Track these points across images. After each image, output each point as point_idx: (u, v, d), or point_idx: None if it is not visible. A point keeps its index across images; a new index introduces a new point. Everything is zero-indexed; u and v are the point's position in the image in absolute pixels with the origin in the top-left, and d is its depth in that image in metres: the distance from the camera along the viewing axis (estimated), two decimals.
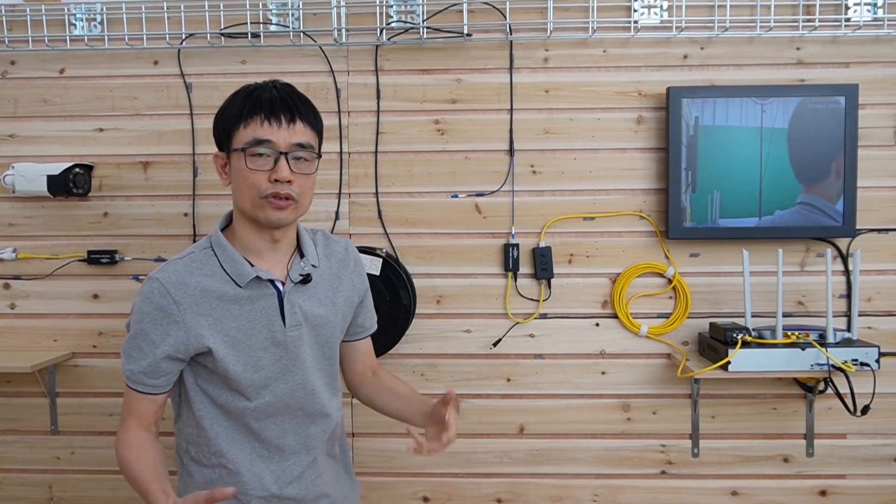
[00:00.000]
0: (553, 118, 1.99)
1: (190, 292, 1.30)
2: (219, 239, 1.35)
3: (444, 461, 2.04)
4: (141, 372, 1.31)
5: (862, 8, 1.91)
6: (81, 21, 2.00)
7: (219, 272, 1.33)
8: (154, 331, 1.30)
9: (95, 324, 2.06)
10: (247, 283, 1.32)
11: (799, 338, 1.81)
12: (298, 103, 1.33)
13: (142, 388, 1.32)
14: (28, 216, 2.06)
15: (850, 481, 2.01)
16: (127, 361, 1.33)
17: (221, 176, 1.36)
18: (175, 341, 1.30)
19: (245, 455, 1.37)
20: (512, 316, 2.01)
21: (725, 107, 1.90)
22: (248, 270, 1.32)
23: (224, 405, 1.35)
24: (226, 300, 1.32)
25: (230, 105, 1.33)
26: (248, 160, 1.28)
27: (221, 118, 1.35)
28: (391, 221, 2.01)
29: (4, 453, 2.11)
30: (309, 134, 1.33)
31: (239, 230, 1.36)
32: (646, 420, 2.02)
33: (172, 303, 1.29)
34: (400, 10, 1.96)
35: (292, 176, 1.29)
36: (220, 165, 1.35)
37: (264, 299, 1.34)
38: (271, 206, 1.29)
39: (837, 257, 1.96)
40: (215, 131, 1.37)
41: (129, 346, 1.33)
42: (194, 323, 1.30)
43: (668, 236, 1.94)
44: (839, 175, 1.89)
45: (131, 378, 1.33)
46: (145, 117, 2.03)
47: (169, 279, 1.31)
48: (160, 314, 1.30)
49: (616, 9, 1.95)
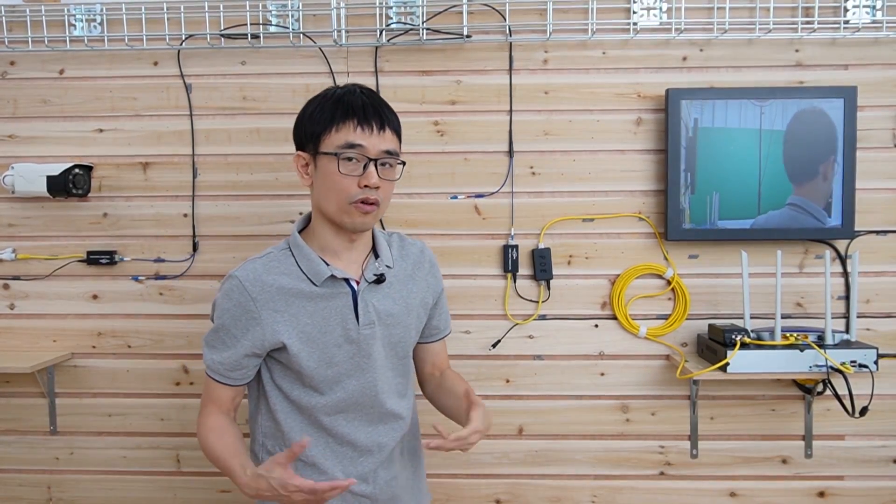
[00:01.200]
0: (552, 119, 1.99)
1: (267, 289, 1.36)
2: (296, 240, 1.40)
3: (443, 462, 2.04)
4: (220, 363, 1.39)
5: (861, 10, 1.92)
6: (81, 22, 2.00)
7: (295, 271, 1.38)
8: (234, 326, 1.36)
9: (95, 324, 2.06)
10: (322, 282, 1.37)
11: (797, 339, 1.82)
12: (386, 110, 1.38)
13: (221, 378, 1.40)
14: (27, 216, 2.06)
15: (849, 482, 2.01)
16: (209, 351, 1.40)
17: (302, 176, 1.40)
18: (253, 336, 1.36)
19: (319, 450, 1.41)
20: (511, 317, 2.01)
21: (724, 108, 1.90)
22: (323, 269, 1.37)
23: (297, 401, 1.40)
24: (302, 297, 1.37)
25: (318, 108, 1.37)
26: (340, 164, 1.32)
27: (308, 120, 1.38)
28: (391, 222, 2.01)
29: (3, 453, 2.11)
30: (395, 141, 1.39)
31: (318, 230, 1.41)
32: (645, 421, 2.02)
33: (250, 299, 1.35)
34: (399, 12, 1.97)
35: (380, 182, 1.33)
36: (302, 165, 1.39)
37: (339, 297, 1.38)
38: (358, 210, 1.34)
39: (836, 259, 1.96)
40: (298, 132, 1.40)
41: (211, 338, 1.40)
42: (270, 319, 1.35)
43: (667, 238, 1.94)
44: (830, 177, 1.90)
45: (212, 367, 1.40)
46: (145, 118, 2.03)
47: (247, 276, 1.36)
48: (239, 310, 1.36)
49: (615, 10, 1.95)
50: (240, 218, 2.02)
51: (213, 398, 1.42)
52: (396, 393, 1.47)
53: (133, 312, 2.06)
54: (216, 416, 1.41)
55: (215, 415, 1.41)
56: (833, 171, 1.90)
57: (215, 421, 1.40)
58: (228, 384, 1.41)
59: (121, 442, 2.09)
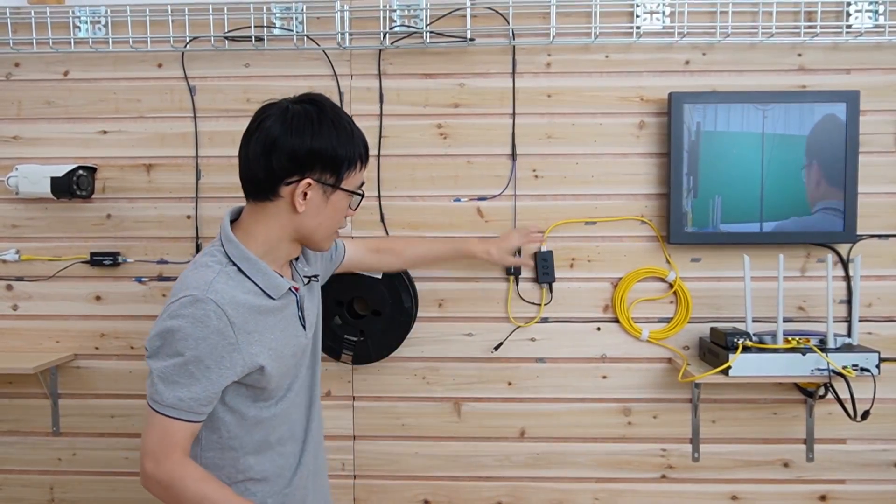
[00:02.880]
0: (555, 123, 2.00)
1: (240, 312, 1.25)
2: (243, 253, 1.30)
3: (445, 464, 2.05)
4: (193, 399, 1.22)
5: (863, 14, 1.92)
6: (86, 24, 2.01)
7: (251, 287, 1.29)
8: (210, 356, 1.21)
9: (98, 325, 2.07)
10: (281, 295, 1.34)
11: (799, 343, 1.82)
12: None
13: (189, 416, 1.23)
14: (31, 218, 2.06)
15: (850, 486, 2.01)
16: (171, 388, 1.21)
17: (298, 202, 1.29)
18: (233, 364, 1.24)
19: (268, 460, 1.38)
20: (513, 320, 2.02)
21: (727, 112, 1.91)
22: (282, 282, 1.33)
23: (253, 418, 1.34)
24: (265, 314, 1.30)
25: (344, 142, 1.30)
26: (352, 202, 1.37)
27: (332, 152, 1.29)
28: (394, 225, 2.02)
29: (6, 454, 2.11)
30: None
31: (277, 245, 1.34)
32: (646, 424, 2.02)
33: (229, 325, 1.23)
34: (403, 15, 1.97)
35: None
36: (302, 191, 1.29)
37: (289, 307, 1.38)
38: (334, 238, 1.44)
39: (838, 263, 1.97)
40: (317, 158, 1.29)
41: (175, 374, 1.21)
42: (246, 342, 1.26)
43: (670, 241, 1.95)
44: (840, 180, 1.90)
45: (179, 406, 1.21)
46: (149, 120, 2.04)
47: (222, 300, 1.22)
48: (219, 338, 1.22)
49: (618, 14, 1.96)
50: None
51: (175, 442, 1.22)
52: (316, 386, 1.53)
53: (136, 314, 2.06)
54: (191, 462, 1.25)
55: (189, 462, 1.25)
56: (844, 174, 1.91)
57: (196, 469, 1.25)
58: (196, 421, 1.24)
59: (123, 443, 2.09)
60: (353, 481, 2.06)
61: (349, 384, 2.05)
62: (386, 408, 2.05)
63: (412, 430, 2.05)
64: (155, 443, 1.22)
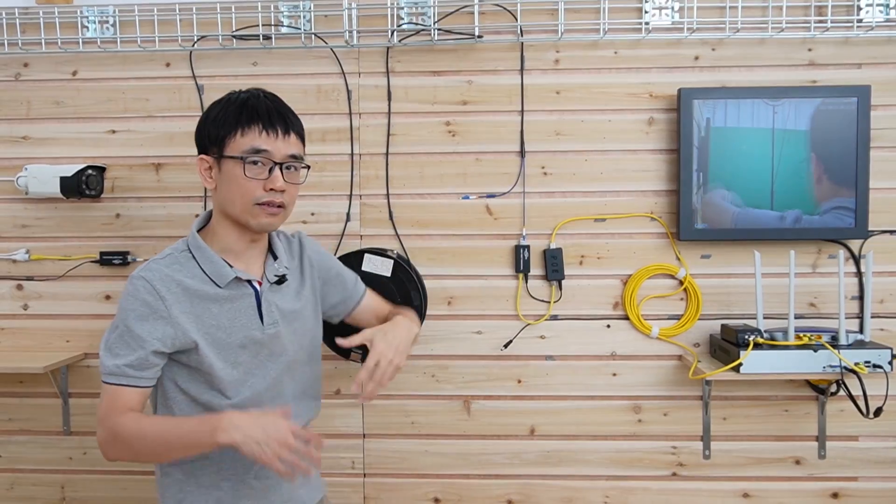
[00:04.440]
0: (564, 119, 1.99)
1: (173, 290, 1.34)
2: (196, 241, 1.39)
3: (455, 462, 2.05)
4: (128, 365, 1.30)
5: (874, 9, 1.91)
6: (94, 23, 2.01)
7: (198, 273, 1.37)
8: (140, 326, 1.31)
9: (107, 324, 2.05)
10: (226, 284, 1.37)
11: (811, 339, 1.81)
12: (290, 115, 1.41)
13: (128, 381, 1.30)
14: (41, 217, 2.07)
15: (863, 483, 2.00)
16: (111, 357, 1.31)
17: (206, 179, 1.39)
18: (162, 335, 1.31)
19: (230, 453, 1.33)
20: (523, 317, 2.01)
21: (737, 108, 1.90)
22: (227, 271, 1.38)
23: (206, 404, 1.37)
24: (206, 299, 1.36)
25: (222, 112, 1.38)
26: (246, 168, 1.33)
27: (211, 124, 1.38)
28: (402, 223, 2.02)
29: (17, 453, 2.12)
30: (299, 145, 1.41)
31: (220, 232, 1.41)
32: (657, 422, 2.02)
33: (158, 298, 1.32)
34: (411, 12, 1.97)
35: (285, 185, 1.36)
36: (205, 168, 1.39)
37: (243, 299, 1.39)
38: (265, 212, 1.36)
39: (850, 259, 1.95)
40: (200, 135, 1.40)
41: (112, 343, 1.32)
42: (179, 317, 1.32)
43: (680, 238, 1.94)
44: (852, 176, 1.89)
45: (115, 372, 1.30)
46: (157, 119, 2.04)
47: (153, 277, 1.33)
48: (147, 310, 1.31)
49: (627, 10, 1.95)
50: None
51: (117, 407, 1.30)
52: (303, 393, 1.49)
53: None
54: (126, 414, 1.29)
55: (131, 414, 1.30)
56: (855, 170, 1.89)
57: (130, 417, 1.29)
58: (137, 386, 1.31)
59: None
60: (363, 479, 2.06)
61: None
62: (395, 406, 2.05)
63: (422, 429, 2.05)
64: (103, 409, 1.32)
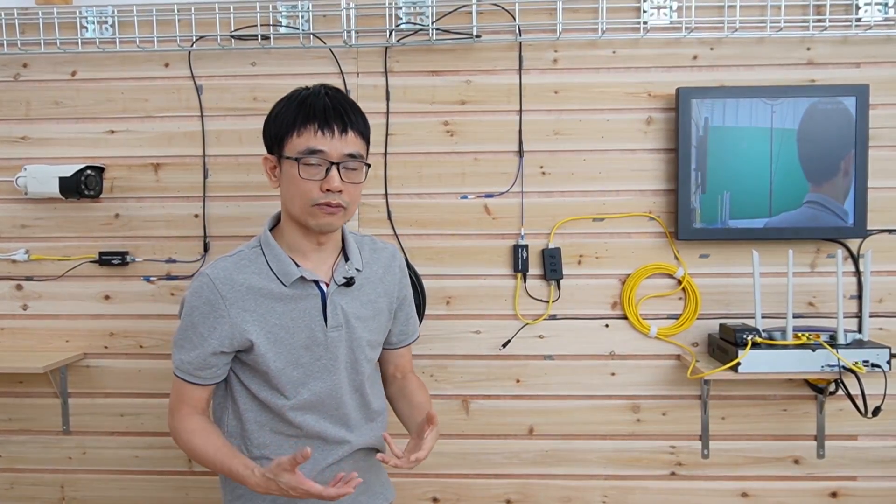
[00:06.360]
0: (562, 119, 1.99)
1: (236, 288, 1.36)
2: (267, 238, 1.40)
3: (454, 462, 2.05)
4: (190, 363, 1.37)
5: (873, 8, 1.90)
6: (93, 24, 2.01)
7: (265, 270, 1.38)
8: (203, 324, 1.35)
9: (107, 325, 2.08)
10: (291, 283, 1.37)
11: (809, 339, 1.81)
12: (350, 112, 1.36)
13: (191, 378, 1.38)
14: (40, 218, 2.07)
15: (861, 483, 2.00)
16: (178, 351, 1.38)
17: (270, 178, 1.40)
18: (221, 335, 1.35)
19: (289, 444, 1.41)
20: (521, 317, 2.01)
21: (735, 107, 1.90)
22: (293, 270, 1.37)
23: (265, 401, 1.40)
24: (271, 298, 1.37)
25: (283, 111, 1.37)
26: (301, 169, 1.32)
27: (273, 123, 1.38)
28: (401, 223, 2.02)
29: (17, 453, 2.12)
30: (359, 143, 1.37)
31: (286, 231, 1.41)
32: (655, 421, 2.02)
33: (219, 297, 1.35)
34: (409, 12, 1.97)
35: (343, 185, 1.33)
36: (270, 168, 1.40)
37: (308, 299, 1.39)
38: (322, 212, 1.34)
39: (848, 258, 1.95)
40: (266, 135, 1.41)
41: (180, 338, 1.38)
42: (239, 318, 1.35)
43: (678, 237, 1.94)
44: (847, 174, 1.88)
45: (181, 368, 1.38)
46: (156, 119, 2.04)
47: (217, 275, 1.36)
48: (208, 308, 1.35)
49: (625, 10, 1.95)
50: (250, 219, 2.03)
51: (184, 400, 1.40)
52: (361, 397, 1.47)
53: (145, 313, 2.07)
54: (193, 417, 1.39)
55: (192, 416, 1.39)
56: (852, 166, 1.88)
57: (195, 422, 1.38)
58: (199, 384, 1.39)
59: (133, 442, 2.10)
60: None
61: None
62: None
63: None
64: (172, 398, 1.42)
